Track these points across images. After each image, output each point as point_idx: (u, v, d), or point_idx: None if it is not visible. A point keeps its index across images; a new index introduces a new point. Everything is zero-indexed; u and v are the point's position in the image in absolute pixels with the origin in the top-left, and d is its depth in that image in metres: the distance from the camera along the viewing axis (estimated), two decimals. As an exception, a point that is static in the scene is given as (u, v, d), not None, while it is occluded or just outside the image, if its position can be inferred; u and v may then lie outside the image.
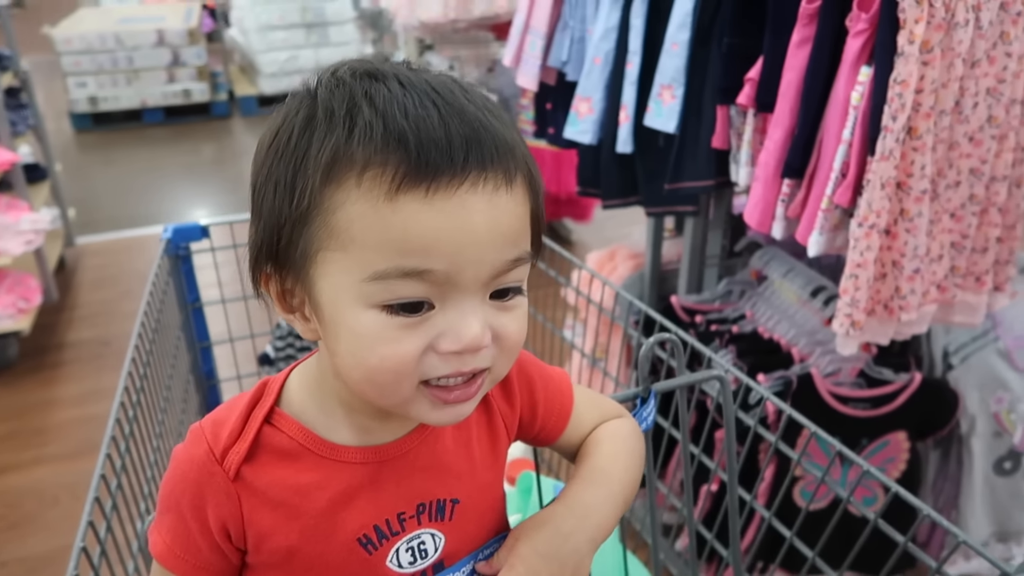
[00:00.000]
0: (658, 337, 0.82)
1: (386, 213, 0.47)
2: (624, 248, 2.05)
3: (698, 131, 1.51)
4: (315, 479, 0.55)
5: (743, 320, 1.69)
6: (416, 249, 0.47)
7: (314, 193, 0.48)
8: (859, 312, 1.22)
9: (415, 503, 0.57)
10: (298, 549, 0.55)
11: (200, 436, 0.56)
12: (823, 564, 0.95)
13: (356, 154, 0.47)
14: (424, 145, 0.47)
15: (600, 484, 0.65)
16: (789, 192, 1.32)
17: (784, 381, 1.50)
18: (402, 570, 0.57)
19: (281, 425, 0.56)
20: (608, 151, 1.69)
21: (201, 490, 0.55)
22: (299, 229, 0.49)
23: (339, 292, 0.49)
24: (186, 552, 0.56)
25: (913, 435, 1.54)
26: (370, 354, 0.49)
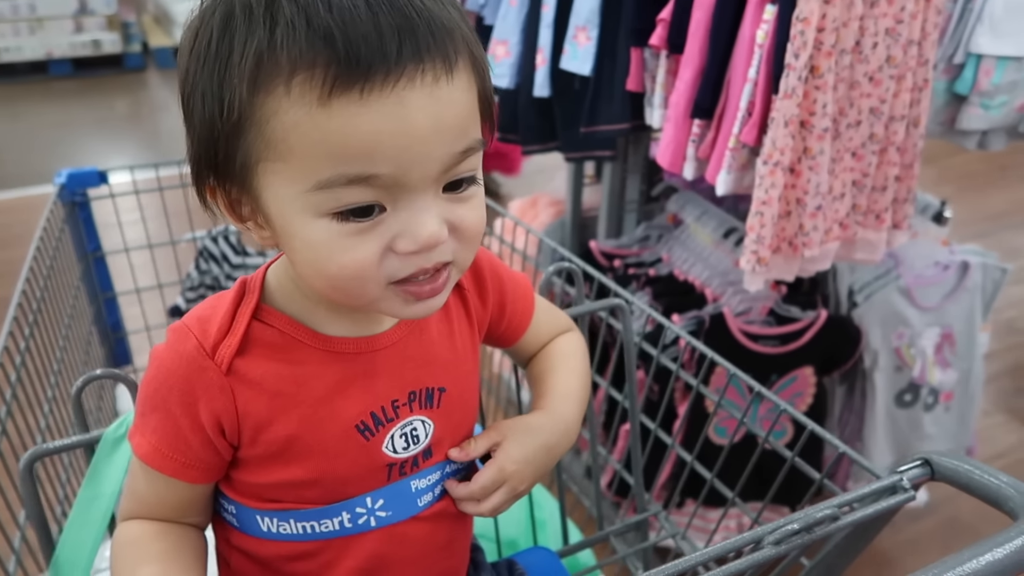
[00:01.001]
0: (556, 266, 0.82)
1: (321, 120, 0.45)
2: (546, 195, 2.05)
3: (613, 73, 1.51)
4: (311, 369, 0.55)
5: (659, 263, 1.71)
6: (358, 155, 0.46)
7: (243, 104, 0.46)
8: (764, 249, 1.25)
9: (407, 391, 0.58)
10: (298, 437, 0.55)
11: (186, 333, 0.54)
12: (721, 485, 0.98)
13: (281, 58, 0.44)
14: (352, 41, 0.44)
15: (574, 401, 0.69)
16: (699, 132, 1.33)
17: (697, 321, 1.53)
18: (396, 455, 0.58)
19: (270, 320, 0.56)
20: (526, 95, 1.67)
21: (191, 385, 0.54)
22: (234, 141, 0.47)
23: (285, 203, 0.48)
24: (174, 451, 0.55)
25: (819, 370, 1.61)
26: (328, 263, 0.49)
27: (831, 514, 0.59)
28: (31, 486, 0.62)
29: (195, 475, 0.57)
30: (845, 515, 0.60)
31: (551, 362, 0.72)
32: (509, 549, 0.91)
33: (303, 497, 0.58)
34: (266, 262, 0.59)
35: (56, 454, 0.64)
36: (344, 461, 0.57)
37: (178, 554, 0.57)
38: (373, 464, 0.58)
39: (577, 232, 1.95)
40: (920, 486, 0.65)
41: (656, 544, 0.95)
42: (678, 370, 0.99)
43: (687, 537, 0.98)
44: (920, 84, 1.28)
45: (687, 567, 0.55)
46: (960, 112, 1.44)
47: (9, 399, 0.83)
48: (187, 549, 0.58)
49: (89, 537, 0.62)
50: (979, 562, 0.49)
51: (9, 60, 4.89)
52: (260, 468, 0.57)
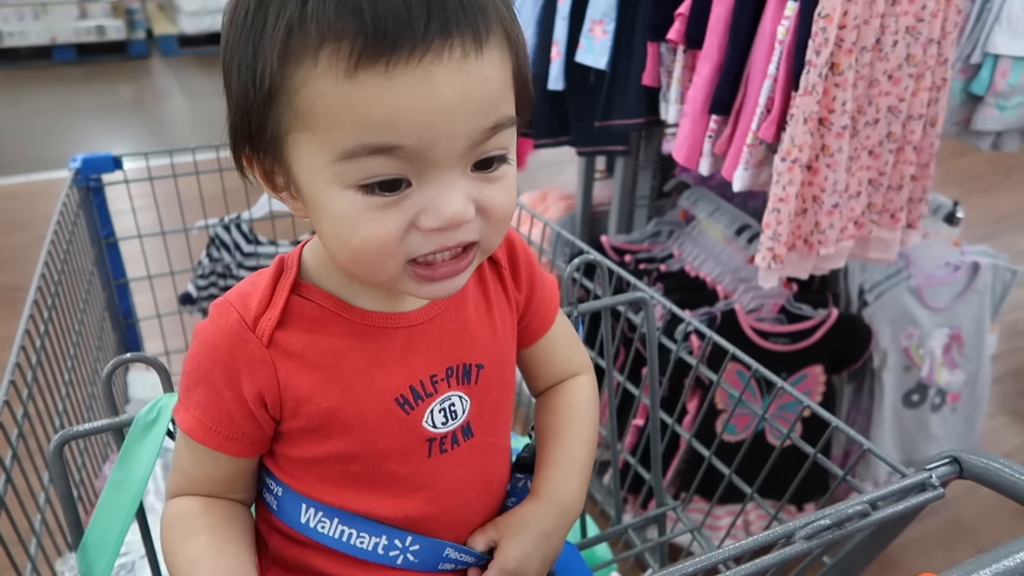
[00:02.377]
0: (582, 259, 0.82)
1: (347, 90, 0.45)
2: (556, 190, 2.05)
3: (628, 68, 1.50)
4: (350, 343, 0.56)
5: (671, 259, 1.71)
6: (381, 125, 0.46)
7: (274, 74, 0.46)
8: (780, 246, 1.25)
9: (444, 366, 0.59)
10: (338, 410, 0.55)
11: (228, 307, 0.55)
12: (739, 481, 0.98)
13: (310, 30, 0.45)
14: (380, 15, 0.44)
15: (577, 474, 0.68)
16: (716, 128, 1.33)
17: (708, 317, 1.53)
18: (436, 430, 0.58)
19: (309, 295, 0.56)
20: (540, 89, 1.67)
21: (234, 359, 0.54)
22: (265, 111, 0.48)
23: (313, 173, 0.49)
24: (218, 424, 0.55)
25: (829, 369, 1.61)
26: (352, 235, 0.49)
27: (862, 510, 0.59)
28: (61, 468, 0.62)
29: (239, 448, 0.57)
30: (875, 512, 0.60)
31: (560, 421, 0.70)
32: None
33: (347, 473, 0.57)
34: (278, 251, 0.59)
35: (85, 437, 0.64)
36: (385, 435, 0.57)
37: (227, 525, 0.58)
38: (414, 438, 0.58)
39: (587, 227, 1.95)
40: (948, 483, 0.65)
41: (672, 540, 0.95)
42: (698, 365, 0.99)
43: (702, 532, 0.99)
44: (938, 83, 1.27)
45: (720, 560, 0.55)
46: (975, 112, 1.44)
47: (30, 382, 0.83)
48: (235, 522, 0.59)
49: (118, 521, 0.61)
50: (1015, 560, 0.49)
51: (13, 45, 4.87)
52: (302, 441, 0.57)
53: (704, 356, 1.56)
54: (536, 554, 0.63)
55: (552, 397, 0.72)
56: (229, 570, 0.54)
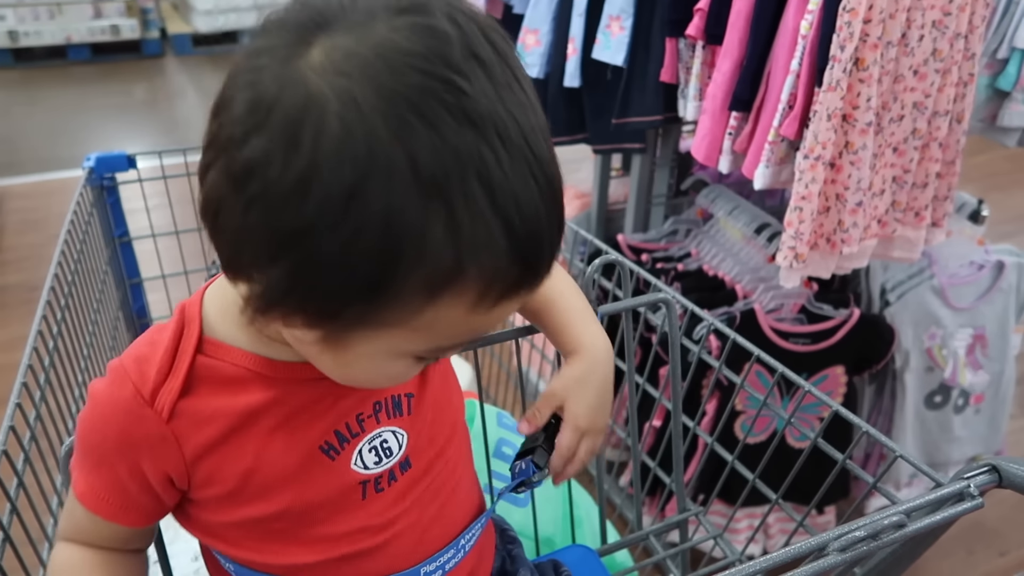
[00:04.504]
0: (604, 259, 0.80)
1: (478, 318, 0.44)
2: (571, 188, 2.02)
3: (646, 64, 1.48)
4: (267, 398, 0.51)
5: (688, 258, 1.69)
6: (480, 335, 0.48)
7: (413, 297, 0.41)
8: (803, 245, 1.23)
9: (371, 402, 0.55)
10: (255, 471, 0.52)
11: (124, 377, 0.50)
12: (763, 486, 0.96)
13: (471, 271, 0.41)
14: (538, 265, 0.44)
15: (591, 321, 0.69)
16: (736, 125, 1.30)
17: (727, 317, 1.51)
18: (368, 471, 0.55)
19: (218, 354, 0.51)
20: (555, 86, 1.65)
21: (130, 437, 0.50)
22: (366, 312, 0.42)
23: (384, 351, 0.46)
24: (112, 494, 0.52)
25: (850, 369, 1.58)
26: (388, 382, 0.52)
27: (898, 521, 0.57)
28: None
29: (135, 518, 0.54)
30: (911, 522, 0.58)
31: (545, 296, 0.69)
32: (546, 547, 0.89)
33: (272, 530, 0.54)
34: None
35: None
36: (311, 487, 0.53)
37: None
38: (343, 485, 0.54)
39: (603, 226, 1.92)
40: (986, 493, 0.63)
41: (694, 546, 0.93)
42: (720, 367, 0.97)
43: (724, 538, 0.96)
44: (965, 79, 1.24)
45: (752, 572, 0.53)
46: (1002, 109, 1.41)
47: (43, 384, 0.82)
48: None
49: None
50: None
51: (28, 44, 4.89)
52: (221, 508, 0.54)
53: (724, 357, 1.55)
54: (599, 405, 0.65)
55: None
56: None
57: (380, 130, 0.38)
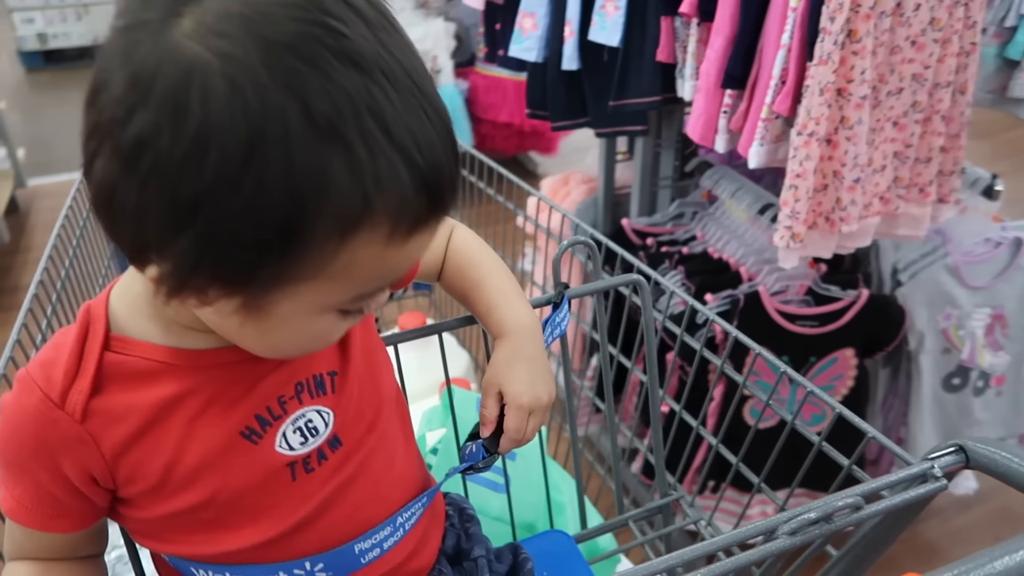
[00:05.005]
0: (571, 240, 0.79)
1: (392, 254, 0.45)
2: (578, 173, 2.01)
3: (643, 45, 1.45)
4: (182, 388, 0.51)
5: (694, 241, 1.67)
6: (403, 271, 0.48)
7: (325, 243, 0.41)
8: (799, 224, 1.20)
9: (292, 383, 0.54)
10: (176, 462, 0.51)
11: (30, 384, 0.49)
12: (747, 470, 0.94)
13: (378, 210, 0.41)
14: (441, 194, 0.44)
15: (514, 297, 0.69)
16: (732, 104, 1.28)
17: (731, 300, 1.48)
18: (294, 452, 0.54)
19: (127, 349, 0.50)
20: (554, 69, 1.63)
21: (44, 442, 0.50)
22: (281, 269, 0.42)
23: (305, 308, 0.46)
24: (39, 504, 0.52)
25: (861, 352, 1.54)
26: (314, 343, 0.51)
27: (853, 503, 0.55)
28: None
29: (66, 525, 0.53)
30: (870, 504, 0.56)
31: (467, 277, 0.69)
32: (526, 533, 0.88)
33: (201, 520, 0.53)
34: None
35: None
36: (236, 473, 0.52)
37: None
38: (269, 468, 0.53)
39: (610, 210, 1.90)
40: (954, 475, 0.61)
41: (681, 529, 0.92)
42: (701, 350, 0.95)
43: (713, 523, 0.95)
44: (967, 48, 1.20)
45: (692, 557, 0.52)
46: (1012, 79, 1.36)
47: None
48: None
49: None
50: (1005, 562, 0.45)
51: (57, 46, 5.00)
52: (146, 504, 0.53)
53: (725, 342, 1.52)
54: (535, 379, 0.65)
55: (449, 266, 0.70)
56: None
57: (267, 81, 0.38)
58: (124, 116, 0.40)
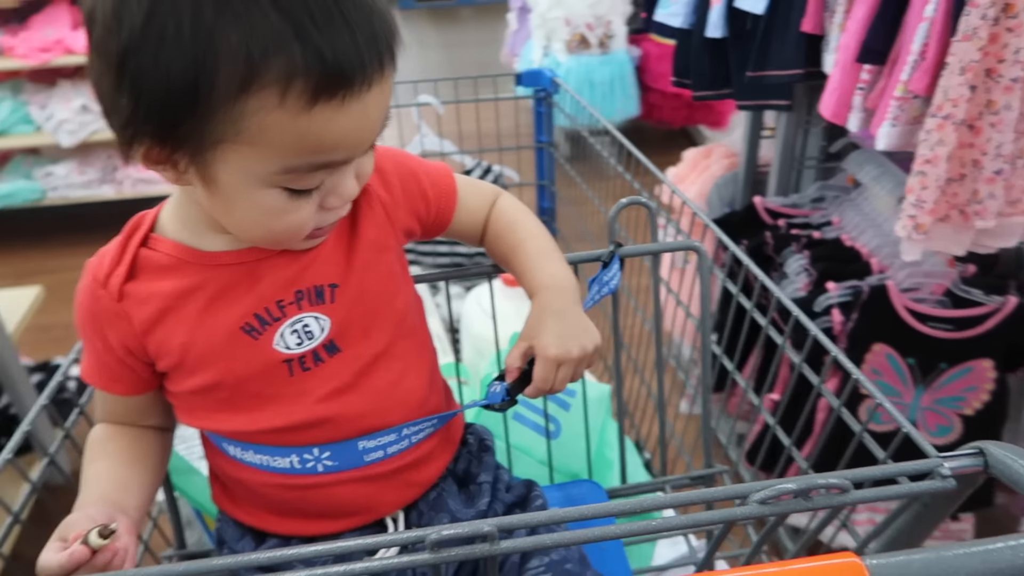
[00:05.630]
0: (630, 199, 0.79)
1: (302, 121, 0.49)
2: (722, 146, 1.95)
3: (788, 14, 1.39)
4: (194, 282, 0.59)
5: (828, 227, 1.58)
6: (327, 148, 0.52)
7: (219, 93, 0.48)
8: (924, 214, 1.11)
9: (293, 290, 0.60)
10: (190, 344, 0.60)
11: (87, 268, 0.61)
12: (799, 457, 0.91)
13: (273, 65, 0.47)
14: (339, 59, 0.48)
15: (553, 257, 0.72)
16: (870, 80, 1.20)
17: (854, 291, 1.40)
18: (290, 351, 0.60)
19: (157, 246, 0.60)
20: (699, 37, 1.59)
21: (94, 315, 0.60)
22: (195, 119, 0.49)
23: (244, 177, 0.52)
24: (99, 368, 0.63)
25: (1001, 365, 1.40)
26: (274, 222, 0.55)
27: (836, 483, 0.53)
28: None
29: (123, 388, 0.63)
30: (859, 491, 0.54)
31: (508, 239, 0.73)
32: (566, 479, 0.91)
33: (219, 399, 0.61)
34: None
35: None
36: (239, 362, 0.60)
37: (127, 452, 0.64)
38: (267, 361, 0.60)
39: (750, 187, 1.84)
40: (969, 478, 0.57)
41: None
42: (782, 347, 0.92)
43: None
44: None
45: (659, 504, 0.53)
46: None
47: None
48: (137, 448, 0.65)
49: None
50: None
51: None
52: (175, 378, 0.62)
53: (843, 333, 1.44)
54: (566, 332, 0.66)
55: (490, 231, 0.74)
56: (109, 493, 0.60)
57: None
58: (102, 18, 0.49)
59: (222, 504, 0.69)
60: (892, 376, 1.47)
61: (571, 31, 3.22)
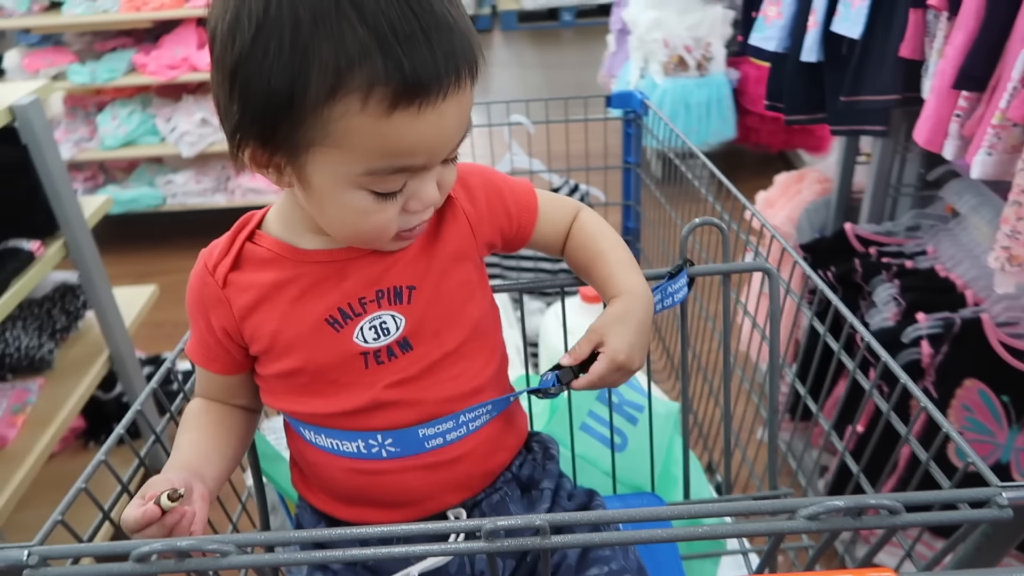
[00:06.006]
0: (703, 220, 0.81)
1: (383, 127, 0.55)
2: (815, 171, 1.92)
3: (886, 38, 1.37)
4: (288, 276, 0.66)
5: (922, 256, 1.53)
6: (405, 152, 0.57)
7: (312, 101, 0.54)
8: (1020, 246, 1.08)
9: (374, 289, 0.66)
10: (279, 331, 0.66)
11: (200, 256, 0.69)
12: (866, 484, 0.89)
13: (357, 75, 0.53)
14: (417, 70, 0.53)
15: (633, 269, 0.75)
16: (967, 107, 1.17)
17: (946, 323, 1.35)
18: (368, 344, 0.66)
19: (261, 242, 0.67)
20: (794, 61, 1.58)
21: (201, 298, 0.68)
22: (292, 125, 0.56)
23: (333, 178, 0.58)
24: (201, 347, 0.70)
25: (1107, 409, 1.33)
26: (361, 222, 0.61)
27: (888, 504, 0.54)
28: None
29: (218, 367, 0.70)
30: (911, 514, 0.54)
31: (588, 249, 0.76)
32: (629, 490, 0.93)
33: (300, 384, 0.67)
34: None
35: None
36: (321, 351, 0.66)
37: (214, 427, 0.71)
38: (346, 352, 0.66)
39: (842, 213, 1.80)
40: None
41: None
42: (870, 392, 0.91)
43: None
44: None
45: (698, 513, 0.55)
46: None
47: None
48: (223, 424, 0.72)
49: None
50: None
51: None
52: (264, 362, 0.68)
53: (932, 366, 1.39)
54: (636, 342, 0.70)
55: (571, 242, 0.78)
56: (192, 461, 0.66)
57: None
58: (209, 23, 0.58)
59: (299, 488, 0.75)
60: (984, 414, 1.41)
61: (669, 53, 3.22)
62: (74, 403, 1.68)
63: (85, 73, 3.01)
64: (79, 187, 3.30)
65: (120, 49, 3.16)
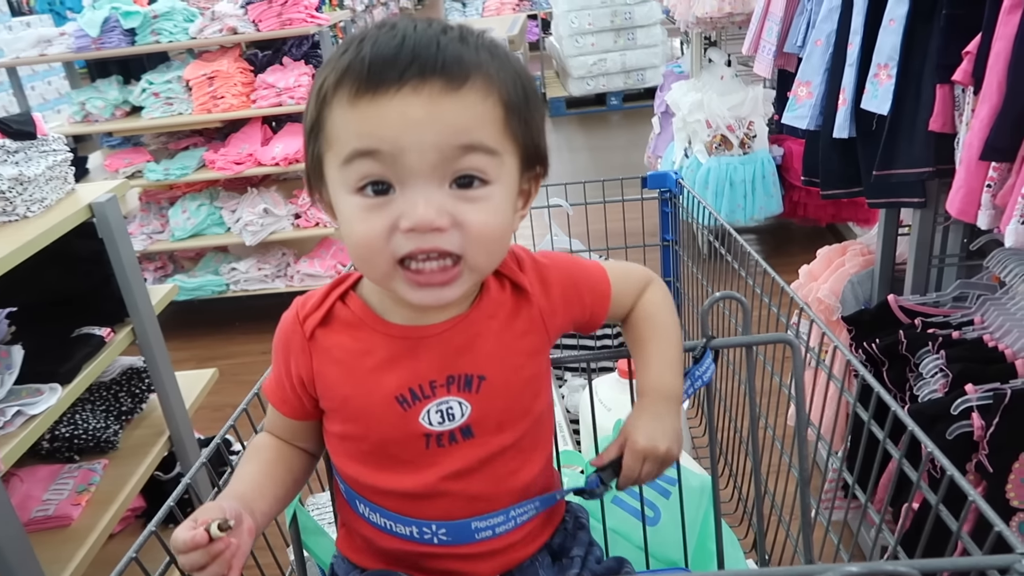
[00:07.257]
0: (723, 294, 0.83)
1: (349, 113, 0.60)
2: (858, 244, 1.91)
3: (915, 113, 1.39)
4: (367, 346, 0.69)
5: (969, 326, 1.50)
6: (366, 133, 0.59)
7: (316, 115, 0.62)
8: (1060, 314, 1.06)
9: (445, 375, 0.68)
10: (350, 398, 0.69)
11: (294, 305, 0.73)
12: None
13: (332, 75, 0.61)
14: (375, 64, 0.59)
15: (665, 367, 0.77)
16: (998, 177, 1.18)
17: (995, 394, 1.32)
18: (432, 427, 0.68)
19: (350, 303, 0.71)
20: (827, 138, 1.62)
21: (287, 344, 0.71)
22: (312, 146, 0.64)
23: (333, 184, 0.63)
24: (277, 387, 0.74)
25: None
26: (351, 231, 0.62)
27: (904, 571, 0.54)
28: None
29: (288, 409, 0.73)
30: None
31: (641, 331, 0.79)
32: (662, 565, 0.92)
33: (360, 450, 0.70)
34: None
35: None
36: (386, 425, 0.68)
37: (273, 464, 0.74)
38: (410, 431, 0.68)
39: (887, 285, 1.79)
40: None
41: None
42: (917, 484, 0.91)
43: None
44: None
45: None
46: None
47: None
48: (282, 462, 0.75)
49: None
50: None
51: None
52: (331, 418, 0.72)
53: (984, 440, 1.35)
54: (656, 432, 0.73)
55: (631, 318, 0.80)
56: (247, 493, 0.68)
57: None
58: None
59: (344, 550, 0.78)
60: (1048, 489, 1.35)
61: (712, 132, 3.29)
62: (135, 483, 1.75)
63: (159, 171, 3.23)
64: (149, 276, 3.48)
65: (192, 148, 3.38)
